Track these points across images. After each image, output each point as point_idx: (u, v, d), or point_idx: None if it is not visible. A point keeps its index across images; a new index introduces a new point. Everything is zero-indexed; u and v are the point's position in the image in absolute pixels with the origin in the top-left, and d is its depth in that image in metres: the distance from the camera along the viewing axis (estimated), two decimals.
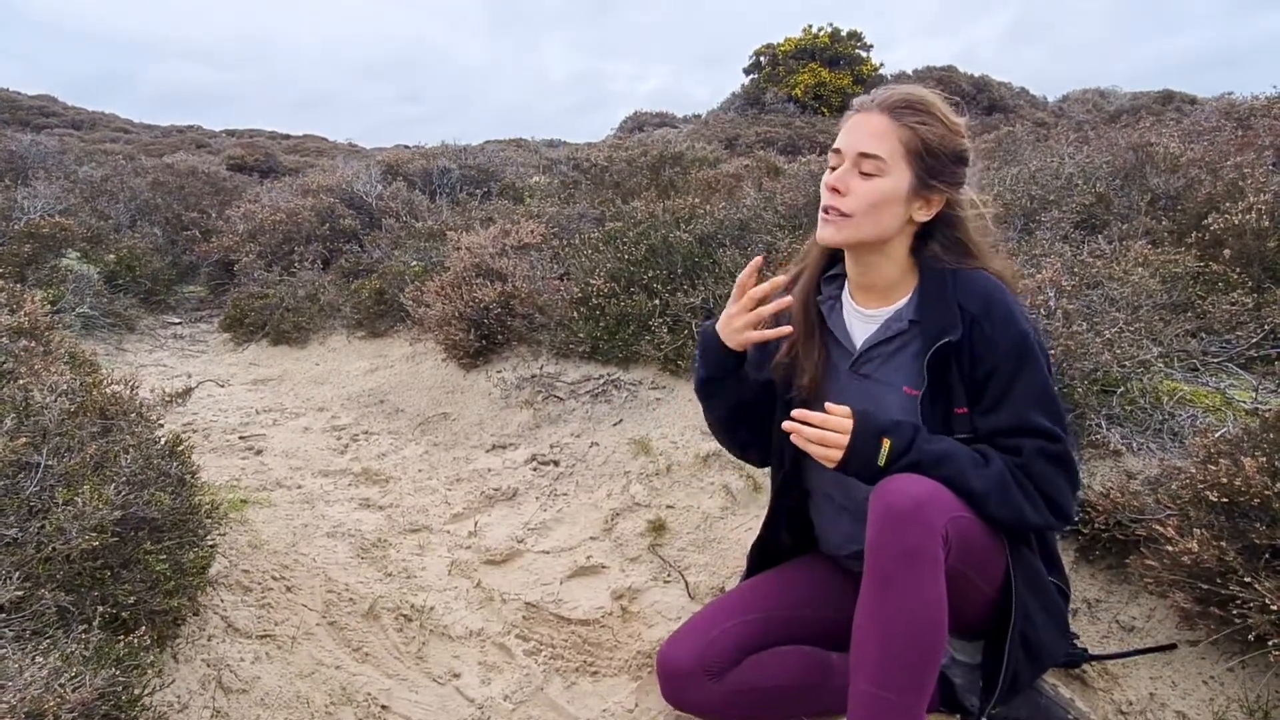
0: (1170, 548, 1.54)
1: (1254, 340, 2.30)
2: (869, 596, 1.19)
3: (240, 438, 3.50)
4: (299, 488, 2.91)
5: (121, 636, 1.37)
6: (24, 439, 1.51)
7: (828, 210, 1.34)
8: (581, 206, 5.55)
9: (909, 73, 16.58)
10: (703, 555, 2.28)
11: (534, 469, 3.02)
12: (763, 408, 1.53)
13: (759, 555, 1.69)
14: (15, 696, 1.07)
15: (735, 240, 3.71)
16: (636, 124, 16.64)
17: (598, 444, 3.06)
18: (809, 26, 16.57)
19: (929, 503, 1.18)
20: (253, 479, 2.96)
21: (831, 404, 1.30)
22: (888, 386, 1.38)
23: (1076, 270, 2.53)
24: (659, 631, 1.95)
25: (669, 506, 2.52)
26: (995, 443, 1.30)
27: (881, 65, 16.53)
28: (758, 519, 2.31)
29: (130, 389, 2.10)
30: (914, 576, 1.15)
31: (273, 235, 6.36)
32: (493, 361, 3.89)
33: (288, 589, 2.08)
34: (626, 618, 2.05)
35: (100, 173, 8.57)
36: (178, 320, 6.21)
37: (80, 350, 2.65)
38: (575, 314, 3.58)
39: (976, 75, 16.57)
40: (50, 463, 1.53)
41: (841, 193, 1.32)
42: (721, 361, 1.46)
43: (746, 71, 17.44)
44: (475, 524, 2.63)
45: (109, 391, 1.97)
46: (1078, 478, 1.33)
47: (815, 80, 15.68)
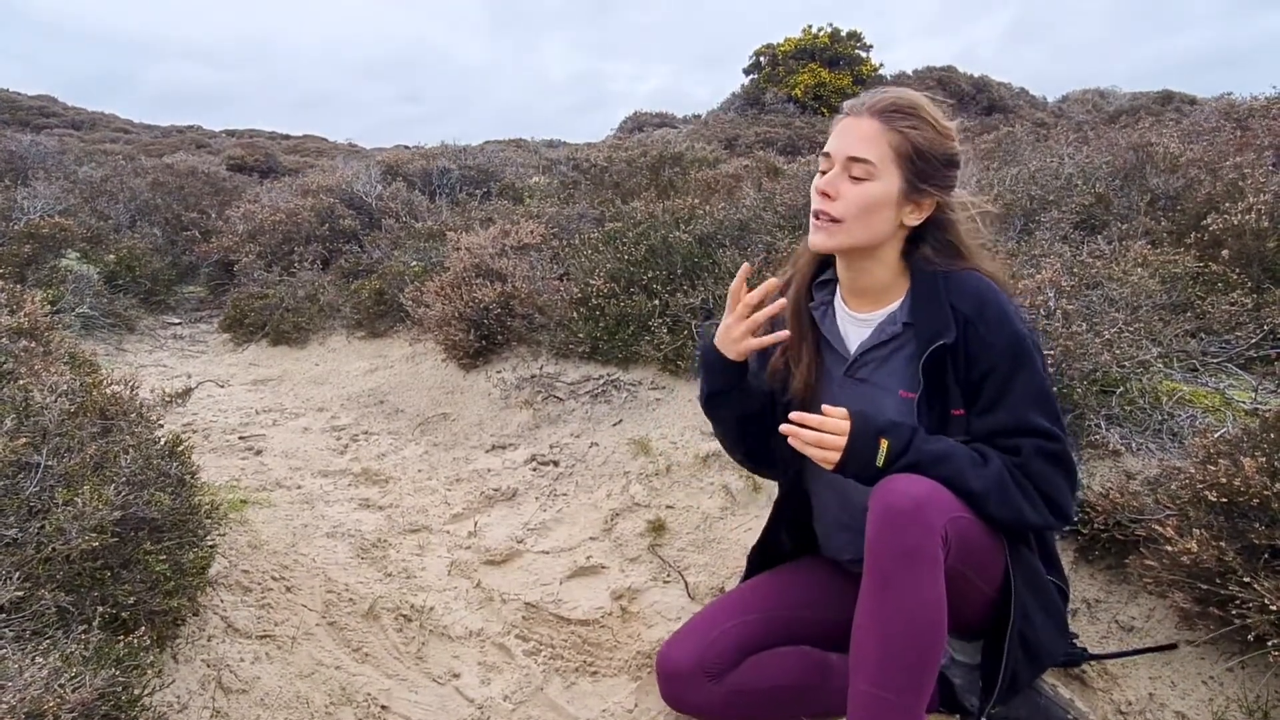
0: (1170, 548, 1.54)
1: (1253, 340, 2.31)
2: (868, 597, 1.19)
3: (240, 438, 3.50)
4: (299, 488, 2.91)
5: (121, 637, 1.37)
6: (24, 439, 1.51)
7: (818, 215, 1.34)
8: (581, 207, 5.55)
9: (909, 73, 16.58)
10: (702, 555, 2.28)
11: (534, 469, 3.02)
12: (770, 418, 1.52)
13: (759, 557, 1.69)
14: (15, 697, 1.07)
15: (735, 240, 3.72)
16: (636, 124, 16.64)
17: (597, 444, 3.06)
18: (809, 27, 16.57)
19: (928, 503, 1.18)
20: (252, 479, 2.96)
21: (828, 406, 1.30)
22: (883, 390, 1.38)
23: (1076, 270, 2.53)
24: (659, 632, 1.96)
25: (669, 507, 2.52)
26: (993, 443, 1.30)
27: (881, 65, 16.53)
28: (758, 519, 2.32)
29: (130, 389, 2.10)
30: (913, 576, 1.15)
31: (272, 235, 6.36)
32: (492, 362, 3.89)
33: (287, 589, 2.08)
34: (626, 618, 2.05)
35: (100, 173, 8.57)
36: (177, 320, 6.22)
37: (80, 350, 2.65)
38: (575, 314, 3.58)
39: (976, 75, 16.57)
40: (50, 463, 1.53)
41: (831, 197, 1.32)
42: (724, 374, 1.45)
43: (746, 72, 17.44)
44: (475, 524, 2.63)
45: (109, 392, 1.97)
46: (1076, 477, 1.33)
47: (815, 80, 15.68)
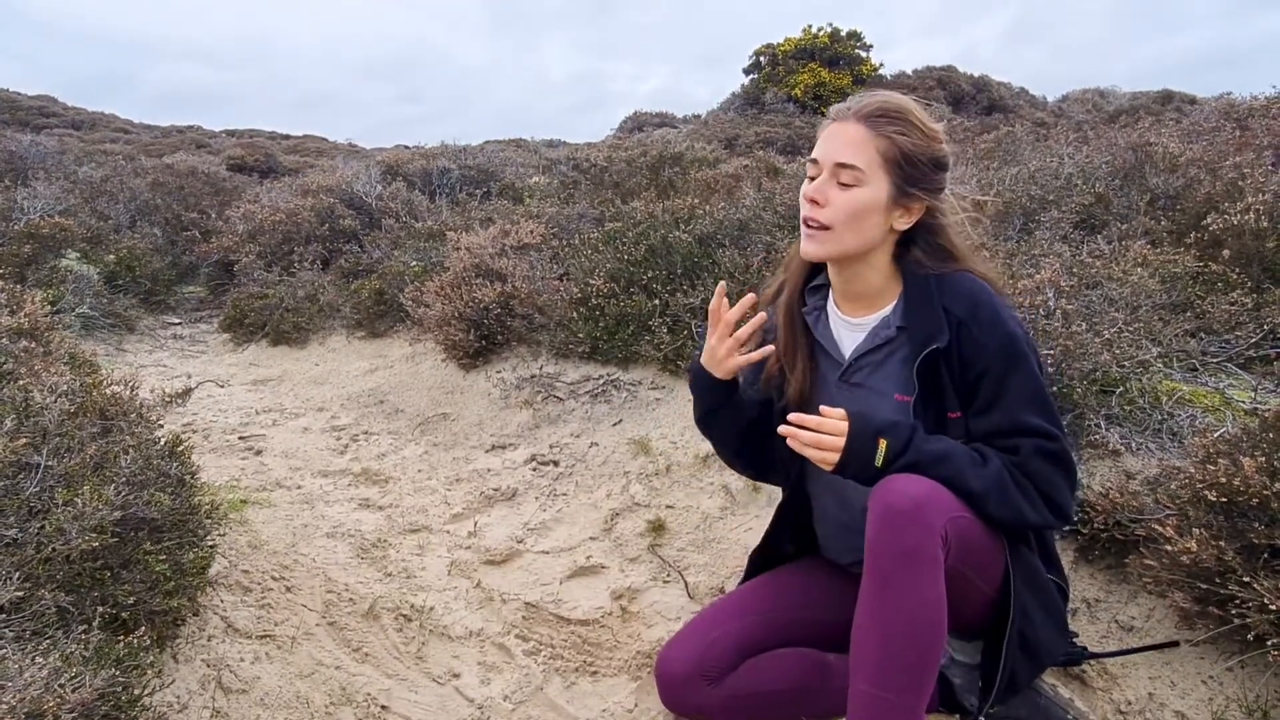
0: (1169, 547, 1.54)
1: (1253, 340, 2.31)
2: (868, 597, 1.19)
3: (240, 438, 3.50)
4: (299, 488, 2.91)
5: (121, 637, 1.37)
6: (24, 439, 1.51)
7: (808, 223, 1.34)
8: (581, 207, 5.55)
9: (909, 72, 16.57)
10: (702, 555, 2.28)
11: (533, 469, 3.02)
12: (766, 427, 1.52)
13: (760, 560, 1.69)
14: (15, 697, 1.07)
15: (735, 240, 3.72)
16: (636, 124, 16.64)
17: (597, 444, 3.06)
18: (809, 27, 16.57)
19: (928, 503, 1.18)
20: (252, 479, 2.96)
21: (826, 407, 1.30)
22: (879, 394, 1.38)
23: (1075, 270, 2.53)
24: (658, 631, 1.96)
25: (669, 506, 2.52)
26: (992, 444, 1.30)
27: (881, 65, 16.53)
28: (758, 519, 2.32)
29: (130, 389, 2.11)
30: (913, 576, 1.15)
31: (272, 235, 6.36)
32: (492, 362, 3.89)
33: (287, 589, 2.08)
34: (626, 618, 2.05)
35: (100, 173, 8.57)
36: (177, 321, 6.22)
37: (80, 351, 2.65)
38: (575, 314, 3.58)
39: (976, 75, 16.58)
40: (50, 463, 1.53)
41: (820, 204, 1.32)
42: (715, 393, 1.46)
43: (746, 71, 17.44)
44: (475, 524, 2.63)
45: (109, 392, 1.97)
46: (1075, 476, 1.33)
47: (815, 80, 15.67)
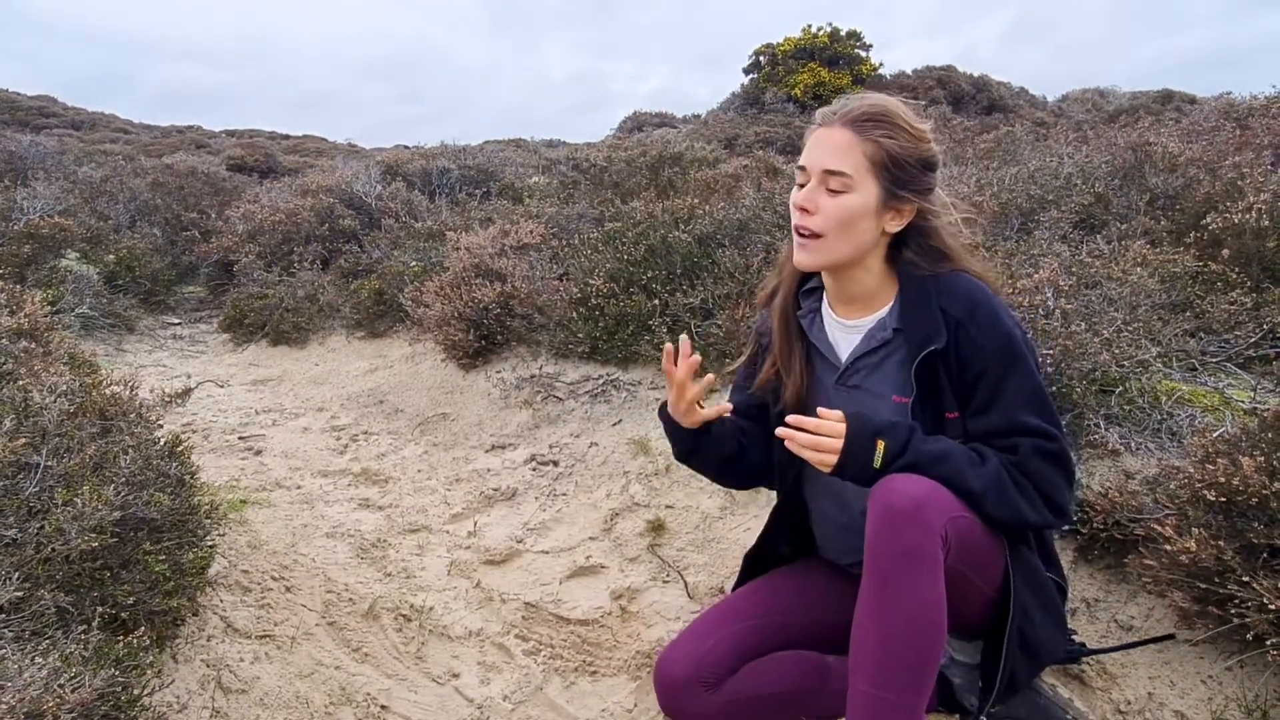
0: (1168, 547, 1.54)
1: (1252, 340, 2.31)
2: (868, 597, 1.19)
3: (240, 438, 3.50)
4: (298, 488, 2.91)
5: (121, 637, 1.37)
6: (23, 440, 1.51)
7: (799, 231, 1.33)
8: (581, 207, 5.55)
9: (908, 72, 16.58)
10: (702, 555, 2.29)
11: (533, 469, 3.02)
12: (750, 450, 1.53)
13: (754, 562, 1.68)
14: (15, 697, 1.07)
15: (734, 240, 3.72)
16: (636, 124, 16.63)
17: (597, 444, 3.06)
18: (808, 26, 16.56)
19: (928, 503, 1.17)
20: (252, 479, 2.96)
21: (824, 409, 1.30)
22: (876, 396, 1.38)
23: (1075, 270, 2.53)
24: (658, 631, 1.96)
25: (668, 506, 2.52)
26: (990, 444, 1.30)
27: (881, 65, 16.52)
28: (757, 519, 2.32)
29: (130, 390, 2.11)
30: (913, 576, 1.15)
31: (272, 236, 6.36)
32: (492, 362, 3.89)
33: (287, 589, 2.08)
34: (625, 618, 2.05)
35: (100, 173, 8.57)
36: (177, 321, 6.22)
37: (80, 351, 2.65)
38: (574, 314, 3.58)
39: (976, 75, 16.57)
40: (50, 463, 1.53)
41: (810, 211, 1.31)
42: (688, 437, 1.47)
43: (746, 71, 17.43)
44: (474, 524, 2.63)
45: (108, 392, 1.97)
46: (1074, 475, 1.33)
47: (815, 80, 15.66)
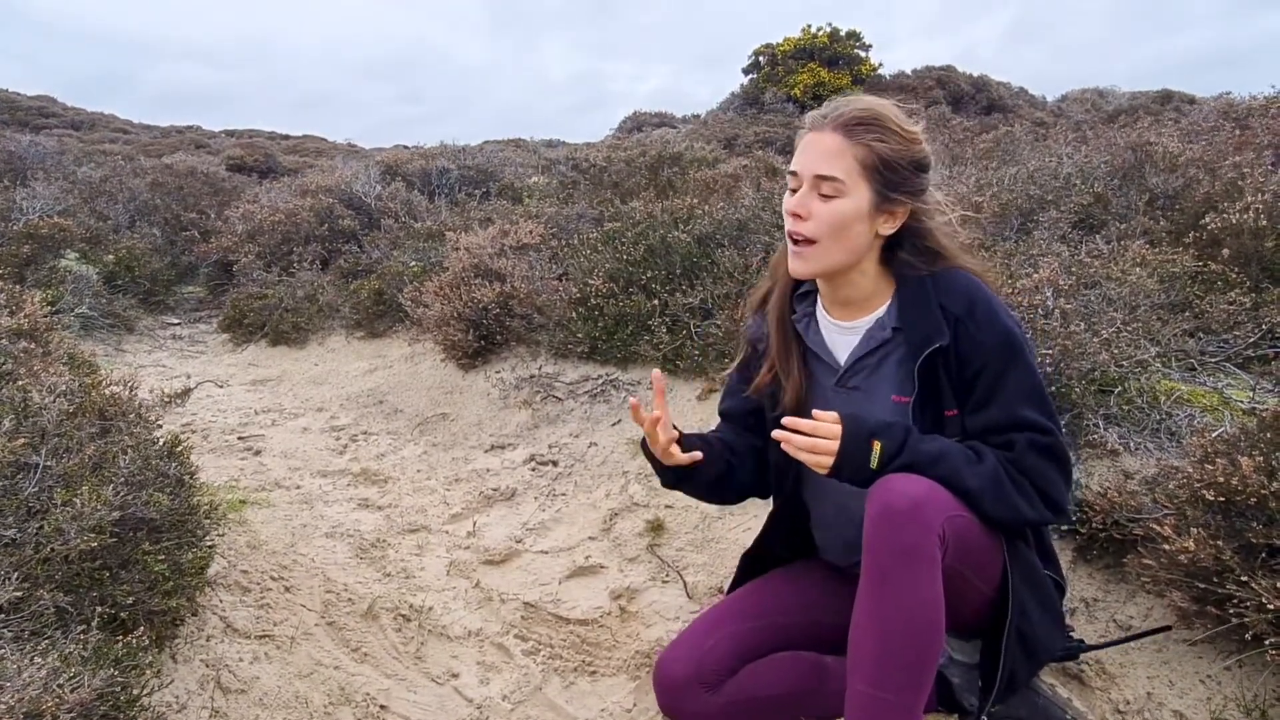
0: (1167, 547, 1.54)
1: (1251, 340, 2.31)
2: (866, 596, 1.19)
3: (239, 438, 3.50)
4: (298, 488, 2.91)
5: (120, 637, 1.37)
6: (23, 440, 1.51)
7: (793, 237, 1.33)
8: (580, 207, 5.56)
9: (908, 72, 16.58)
10: (701, 555, 2.29)
11: (532, 469, 3.02)
12: (739, 470, 1.53)
13: (752, 563, 1.68)
14: (14, 697, 1.07)
15: (733, 240, 3.72)
16: (635, 124, 16.64)
17: (596, 444, 3.06)
18: (808, 26, 16.55)
19: (926, 502, 1.18)
20: (251, 479, 2.96)
21: (819, 411, 1.30)
22: (875, 397, 1.38)
23: (1074, 270, 2.53)
24: (657, 631, 1.96)
25: (667, 506, 2.52)
26: (987, 440, 1.30)
27: (880, 65, 16.52)
28: (756, 519, 2.32)
29: (129, 390, 2.11)
30: (911, 576, 1.15)
31: (271, 236, 6.36)
32: (491, 362, 3.89)
33: (286, 589, 2.08)
34: (625, 618, 2.05)
35: (99, 173, 8.57)
36: (177, 321, 6.22)
37: (79, 351, 2.65)
38: (574, 314, 3.58)
39: (975, 75, 16.57)
40: (49, 463, 1.53)
41: (803, 217, 1.31)
42: (672, 471, 1.47)
43: (745, 71, 17.43)
44: (474, 524, 2.63)
45: (108, 392, 1.97)
46: (1071, 470, 1.33)
47: (814, 80, 15.66)
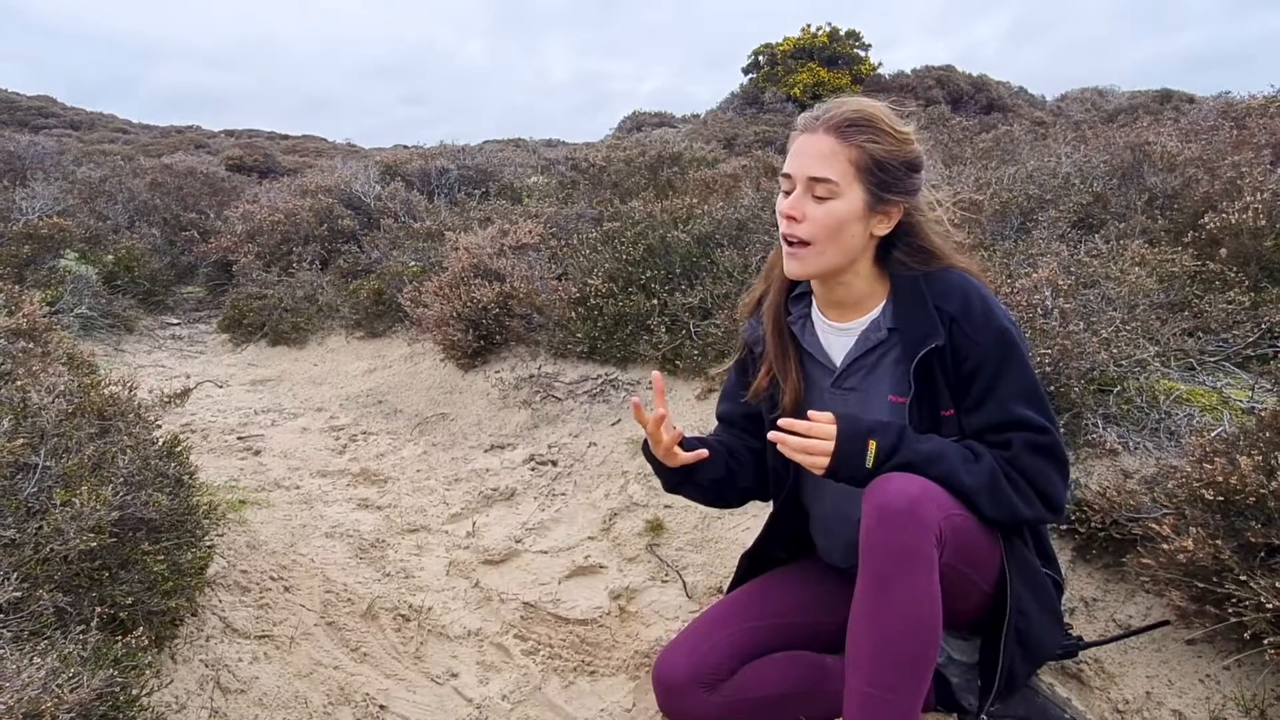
0: (1166, 546, 1.54)
1: (1250, 339, 2.31)
2: (863, 596, 1.19)
3: (238, 438, 3.50)
4: (297, 488, 2.91)
5: (119, 637, 1.37)
6: (22, 440, 1.51)
7: (788, 239, 1.33)
8: (580, 207, 5.56)
9: (907, 72, 16.59)
10: (700, 555, 2.29)
11: (532, 469, 3.02)
12: (739, 473, 1.54)
13: (751, 563, 1.69)
14: (13, 697, 1.07)
15: (733, 240, 3.72)
16: (635, 124, 16.65)
17: (596, 444, 3.06)
18: (807, 26, 16.57)
19: (922, 501, 1.18)
20: (251, 479, 2.96)
21: (815, 411, 1.30)
22: (872, 397, 1.38)
23: (1073, 269, 2.53)
24: (657, 631, 1.96)
25: (667, 506, 2.52)
26: (984, 439, 1.30)
27: (880, 65, 16.54)
28: (755, 519, 2.32)
29: (128, 390, 2.11)
30: (908, 575, 1.15)
31: (271, 236, 6.36)
32: (491, 362, 3.89)
33: (286, 589, 2.08)
34: (624, 617, 2.05)
35: (98, 173, 8.57)
36: (176, 321, 6.22)
37: (78, 351, 2.65)
38: (573, 314, 3.58)
39: (975, 75, 16.59)
40: (48, 464, 1.53)
41: (798, 219, 1.31)
42: (673, 471, 1.48)
43: (745, 71, 17.44)
44: (473, 524, 2.63)
45: (107, 392, 1.97)
46: (1068, 468, 1.33)
47: (814, 80, 15.67)
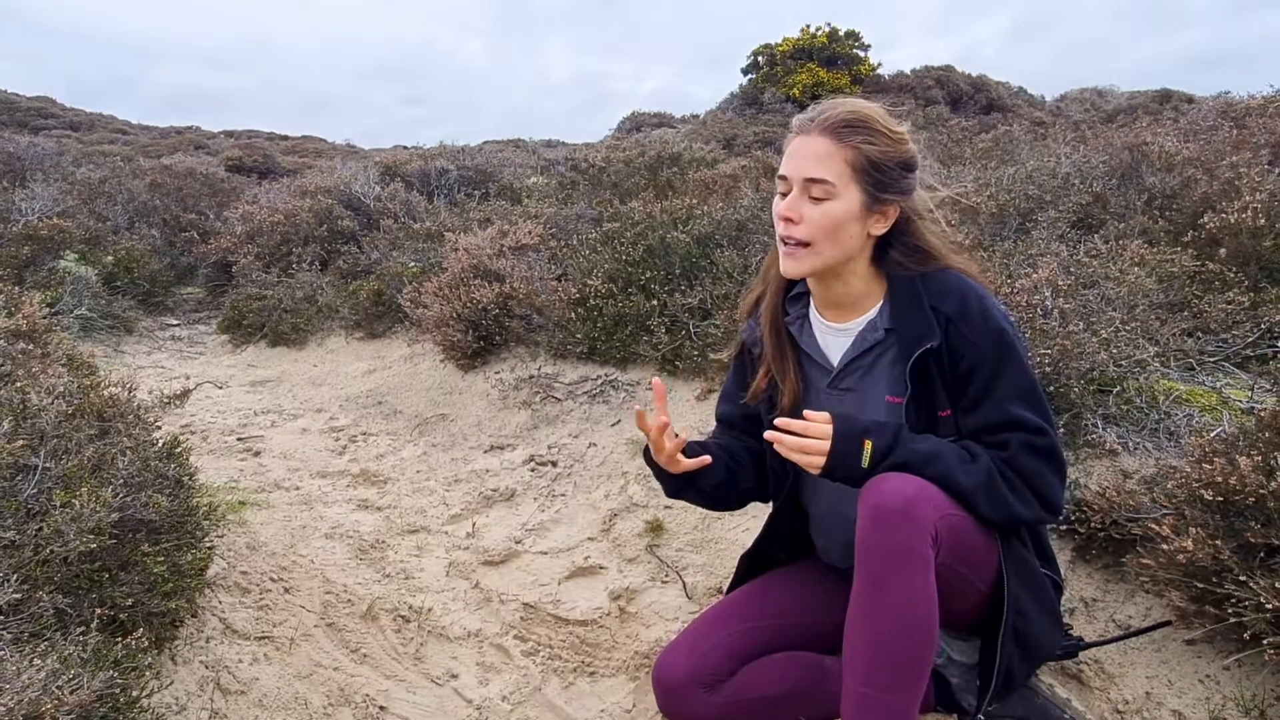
0: (1166, 546, 1.54)
1: (1250, 339, 2.31)
2: (860, 596, 1.19)
3: (238, 439, 3.50)
4: (297, 489, 2.91)
5: (119, 638, 1.37)
6: (22, 441, 1.51)
7: (785, 241, 1.33)
8: (579, 207, 5.56)
9: (907, 72, 16.61)
10: (700, 555, 2.29)
11: (532, 470, 3.02)
12: (740, 476, 1.53)
13: (751, 564, 1.69)
14: (13, 699, 1.07)
15: (733, 240, 3.72)
16: (635, 124, 16.66)
17: (595, 444, 3.06)
18: (807, 27, 16.59)
19: (918, 501, 1.18)
20: (251, 480, 2.96)
21: (811, 411, 1.30)
22: (869, 397, 1.38)
23: (1073, 270, 2.53)
24: (657, 632, 1.96)
25: (667, 507, 2.52)
26: (981, 439, 1.30)
27: (879, 65, 16.56)
28: (755, 519, 2.32)
29: (128, 391, 2.11)
30: (904, 576, 1.16)
31: (271, 236, 6.36)
32: (490, 362, 3.89)
33: (286, 590, 2.08)
34: (624, 618, 2.05)
35: (98, 174, 8.57)
36: (176, 322, 6.21)
37: (78, 352, 2.64)
38: (573, 314, 3.58)
39: (974, 75, 16.60)
40: (48, 465, 1.53)
41: (795, 221, 1.31)
42: (675, 476, 1.47)
43: (745, 71, 17.45)
44: (473, 525, 2.63)
45: (107, 394, 1.97)
46: (1065, 469, 1.33)
47: (813, 80, 15.68)
